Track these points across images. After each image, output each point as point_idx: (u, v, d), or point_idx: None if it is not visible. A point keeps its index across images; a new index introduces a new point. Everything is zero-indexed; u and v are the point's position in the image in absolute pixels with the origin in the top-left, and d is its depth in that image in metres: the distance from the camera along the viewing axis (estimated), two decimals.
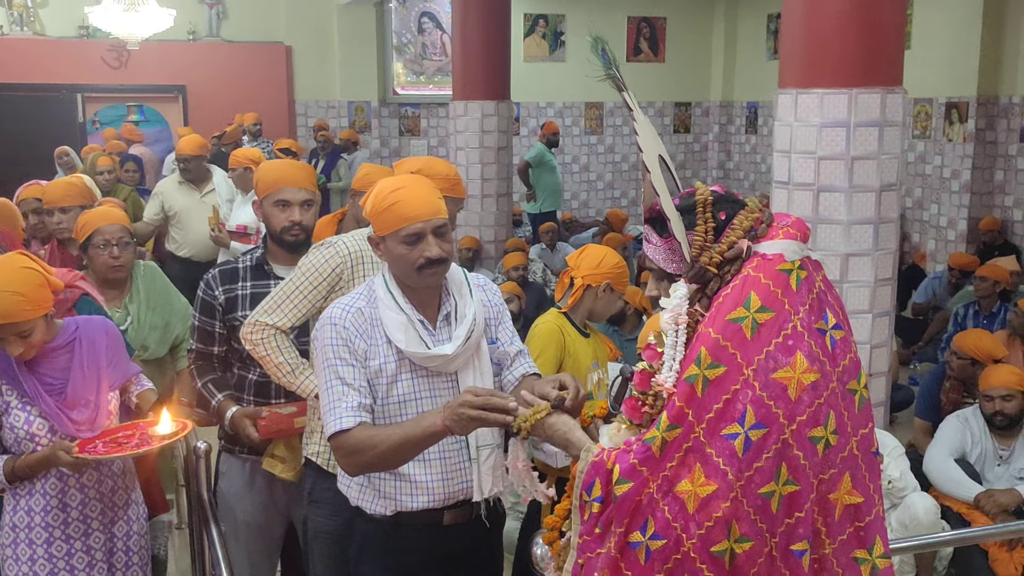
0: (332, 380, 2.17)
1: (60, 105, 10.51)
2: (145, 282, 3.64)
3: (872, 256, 4.22)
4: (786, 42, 4.42)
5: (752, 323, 1.70)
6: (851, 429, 1.76)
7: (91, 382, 2.56)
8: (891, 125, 4.15)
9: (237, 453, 3.10)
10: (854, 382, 1.78)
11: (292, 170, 3.08)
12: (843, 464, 1.74)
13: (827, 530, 1.74)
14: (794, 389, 1.68)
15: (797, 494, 1.69)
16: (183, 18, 10.17)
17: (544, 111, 12.20)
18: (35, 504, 2.57)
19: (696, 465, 1.68)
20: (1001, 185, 8.83)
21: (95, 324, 2.66)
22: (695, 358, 1.71)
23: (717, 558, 1.67)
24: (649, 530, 1.71)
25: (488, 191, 8.05)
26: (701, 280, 1.81)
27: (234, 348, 3.03)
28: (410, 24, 11.85)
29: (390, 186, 2.24)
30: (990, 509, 4.01)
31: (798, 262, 1.77)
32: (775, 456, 1.67)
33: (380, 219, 2.22)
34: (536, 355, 3.19)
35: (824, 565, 1.76)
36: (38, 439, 2.51)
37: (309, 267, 2.70)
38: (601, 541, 1.77)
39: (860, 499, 1.76)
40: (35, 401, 2.49)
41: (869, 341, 4.27)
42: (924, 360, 7.01)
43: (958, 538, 3.57)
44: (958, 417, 4.37)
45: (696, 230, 1.80)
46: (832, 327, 1.76)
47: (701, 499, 1.67)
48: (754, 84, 12.05)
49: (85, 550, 2.62)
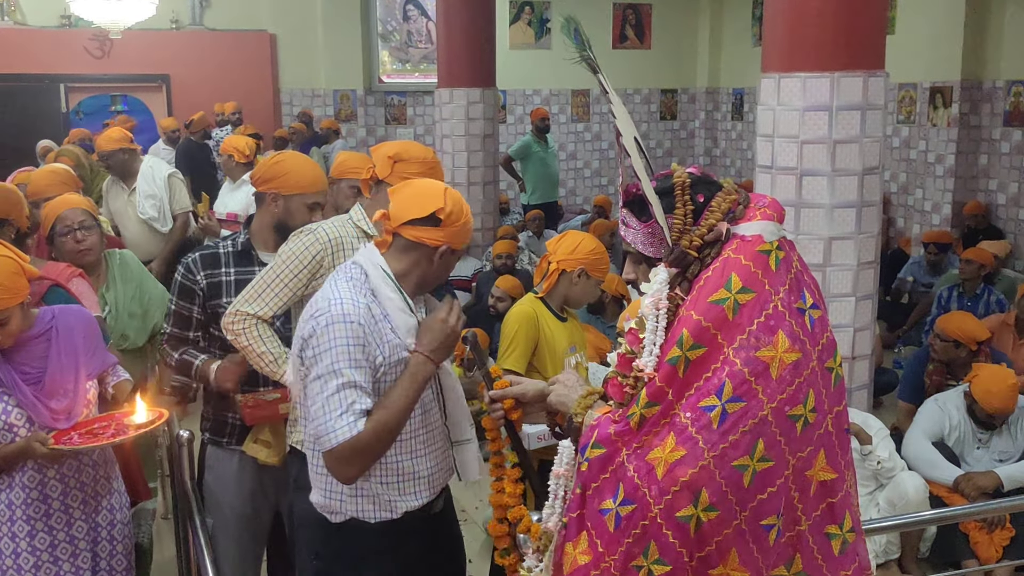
0: (341, 384, 2.05)
1: (43, 95, 10.43)
2: (121, 270, 3.61)
3: (855, 239, 4.24)
4: (769, 26, 4.42)
5: (734, 304, 1.71)
6: (827, 407, 1.78)
7: (69, 371, 2.54)
8: (873, 108, 4.17)
9: (224, 445, 3.09)
10: (831, 360, 1.79)
11: (318, 172, 3.10)
12: (819, 441, 1.76)
13: (803, 507, 1.75)
14: (776, 368, 1.69)
15: (771, 470, 1.70)
16: (166, 7, 10.09)
17: (530, 98, 12.18)
18: (15, 497, 2.54)
19: (670, 435, 1.70)
20: (985, 169, 8.87)
21: (71, 313, 2.63)
22: (677, 340, 1.72)
23: (682, 524, 1.68)
24: (619, 496, 1.72)
25: (474, 179, 8.04)
26: (681, 264, 1.80)
27: (214, 335, 3.02)
28: (395, 11, 11.80)
29: (457, 200, 2.24)
30: (969, 492, 4.04)
31: (776, 242, 1.77)
32: (751, 431, 1.67)
33: (460, 234, 2.23)
34: (508, 338, 3.21)
35: (800, 541, 1.77)
36: (16, 429, 2.47)
37: (290, 255, 2.69)
38: (582, 502, 1.80)
39: (834, 475, 1.78)
40: (12, 391, 2.46)
41: (852, 324, 4.30)
42: (908, 344, 7.05)
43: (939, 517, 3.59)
44: (936, 401, 4.38)
45: (675, 213, 1.80)
46: (810, 306, 1.78)
47: (670, 464, 1.68)
48: (740, 70, 12.05)
49: (68, 540, 2.61)
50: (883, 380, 5.68)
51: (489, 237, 8.10)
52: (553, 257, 3.29)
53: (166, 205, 5.75)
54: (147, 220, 5.62)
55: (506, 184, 11.61)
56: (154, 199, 5.68)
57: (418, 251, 2.20)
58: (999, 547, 4.00)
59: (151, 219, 5.63)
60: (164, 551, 3.98)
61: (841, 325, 4.27)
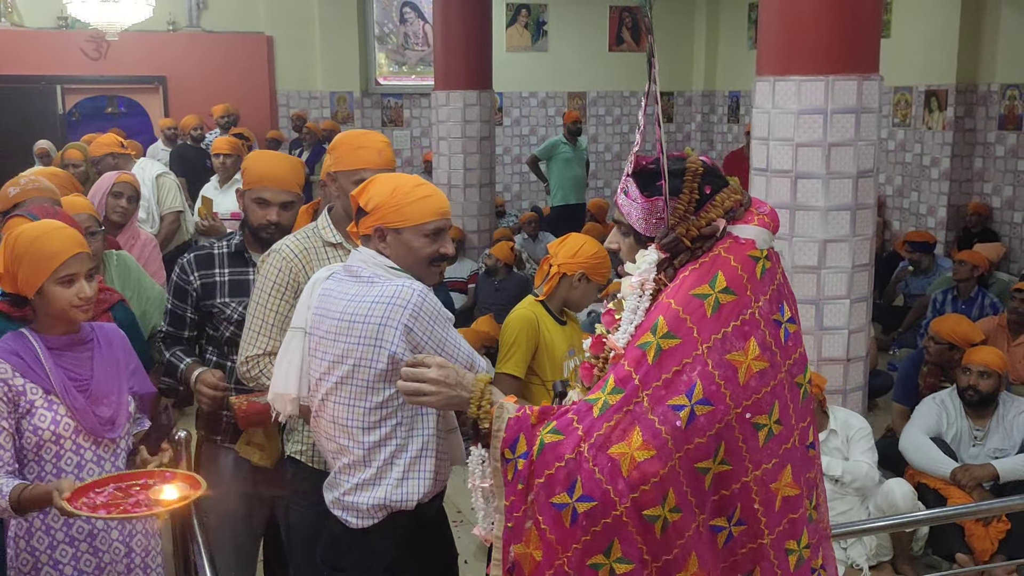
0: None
1: (39, 97, 10.41)
2: (119, 271, 3.61)
3: (849, 242, 4.26)
4: (763, 30, 4.44)
5: (715, 302, 1.70)
6: (794, 421, 1.76)
7: (112, 380, 2.48)
8: (868, 112, 4.19)
9: (218, 443, 3.09)
10: (801, 376, 1.79)
11: (279, 168, 3.03)
12: (785, 455, 1.74)
13: (767, 520, 1.74)
14: (743, 374, 1.69)
15: (728, 474, 1.69)
16: (162, 8, 10.10)
17: (527, 101, 12.19)
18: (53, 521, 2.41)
19: (635, 429, 1.66)
20: (980, 172, 8.90)
21: (108, 328, 2.60)
22: (651, 326, 1.71)
23: (648, 523, 1.65)
24: (577, 491, 1.67)
25: (471, 181, 8.05)
26: (673, 250, 1.79)
27: (209, 335, 3.03)
28: (392, 14, 11.81)
29: (409, 182, 2.29)
30: (966, 483, 4.09)
31: (766, 251, 1.78)
32: (716, 435, 1.67)
33: (404, 212, 2.25)
34: (509, 343, 3.20)
35: (761, 555, 1.75)
36: (63, 441, 2.38)
37: (264, 282, 2.72)
38: (525, 497, 1.73)
39: (797, 491, 1.76)
40: (62, 397, 2.37)
41: (847, 326, 4.31)
42: (903, 346, 7.07)
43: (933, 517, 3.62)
44: (934, 399, 4.44)
45: (680, 198, 1.78)
46: (787, 320, 1.77)
47: (638, 463, 1.64)
48: (736, 73, 12.07)
49: None
50: (878, 382, 5.70)
51: (485, 239, 8.11)
52: (554, 260, 3.29)
53: (153, 206, 5.75)
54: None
55: (502, 186, 11.63)
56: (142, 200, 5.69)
57: (372, 242, 2.31)
58: (995, 540, 4.03)
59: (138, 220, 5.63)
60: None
61: (836, 327, 4.29)
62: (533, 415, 1.78)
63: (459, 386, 1.87)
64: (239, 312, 2.95)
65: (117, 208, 4.31)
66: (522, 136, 12.25)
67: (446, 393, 1.87)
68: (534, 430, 1.75)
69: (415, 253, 2.27)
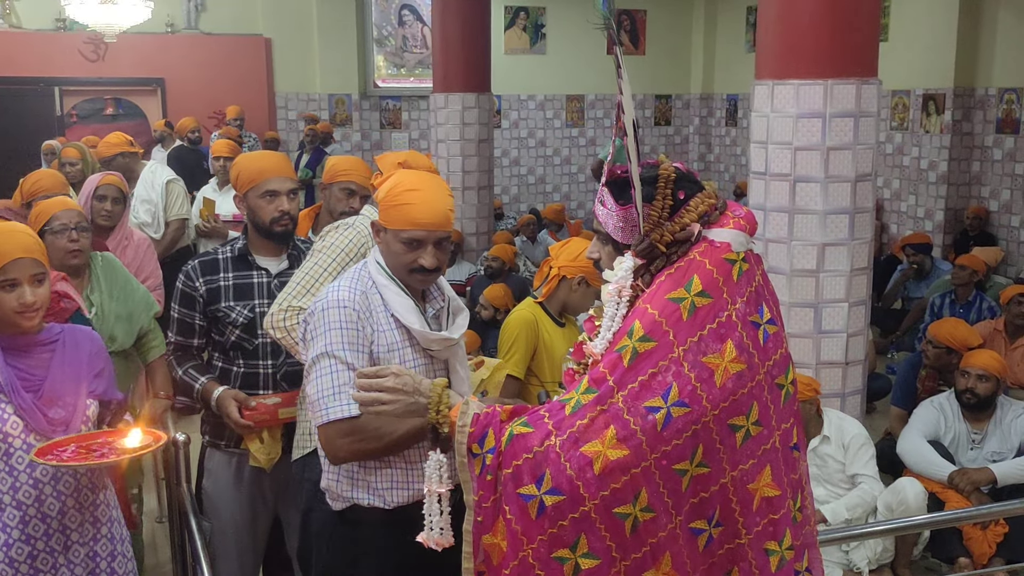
0: (336, 364, 2.12)
1: (37, 98, 10.41)
2: (104, 272, 3.60)
3: (848, 245, 4.26)
4: (762, 34, 4.45)
5: (690, 305, 1.71)
6: (775, 423, 1.77)
7: (70, 382, 2.47)
8: (866, 116, 4.20)
9: (223, 448, 3.09)
10: (782, 377, 1.79)
11: (274, 160, 3.05)
12: (765, 456, 1.75)
13: (744, 520, 1.74)
14: (720, 376, 1.69)
15: (707, 476, 1.70)
16: (161, 10, 10.11)
17: (525, 103, 12.21)
18: (8, 519, 2.40)
19: (610, 428, 1.67)
20: (978, 176, 8.91)
21: (82, 332, 2.58)
22: (628, 331, 1.72)
23: (618, 520, 1.66)
24: (545, 484, 1.67)
25: (469, 183, 8.06)
26: (648, 256, 1.81)
27: (215, 340, 3.03)
28: (390, 16, 11.82)
29: (408, 183, 2.25)
30: (963, 487, 4.09)
31: (743, 254, 1.78)
32: (693, 436, 1.67)
33: (388, 213, 2.23)
34: (508, 345, 3.21)
35: (739, 554, 1.76)
36: (11, 439, 2.38)
37: (336, 248, 2.70)
38: (495, 489, 1.74)
39: (778, 492, 1.77)
40: (11, 396, 2.39)
41: (845, 330, 4.32)
42: (902, 349, 7.08)
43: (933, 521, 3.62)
44: (932, 402, 4.44)
45: (653, 204, 1.79)
46: (767, 321, 1.77)
47: (611, 462, 1.65)
48: (734, 77, 12.09)
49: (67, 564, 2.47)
50: (876, 386, 5.71)
51: (484, 242, 8.12)
52: (555, 262, 3.30)
53: (160, 211, 5.76)
54: (139, 224, 5.62)
55: (500, 189, 11.64)
56: (149, 204, 5.69)
57: (374, 232, 2.30)
58: (992, 543, 4.03)
59: (143, 224, 5.62)
60: (160, 555, 3.99)
61: (834, 331, 4.29)
62: (503, 412, 1.79)
63: (416, 392, 1.88)
64: (244, 316, 2.95)
65: (102, 212, 4.26)
66: (520, 139, 12.27)
67: (404, 400, 1.88)
68: (503, 426, 1.76)
69: (394, 257, 2.25)
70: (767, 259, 4.35)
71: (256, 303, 2.97)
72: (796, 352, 4.28)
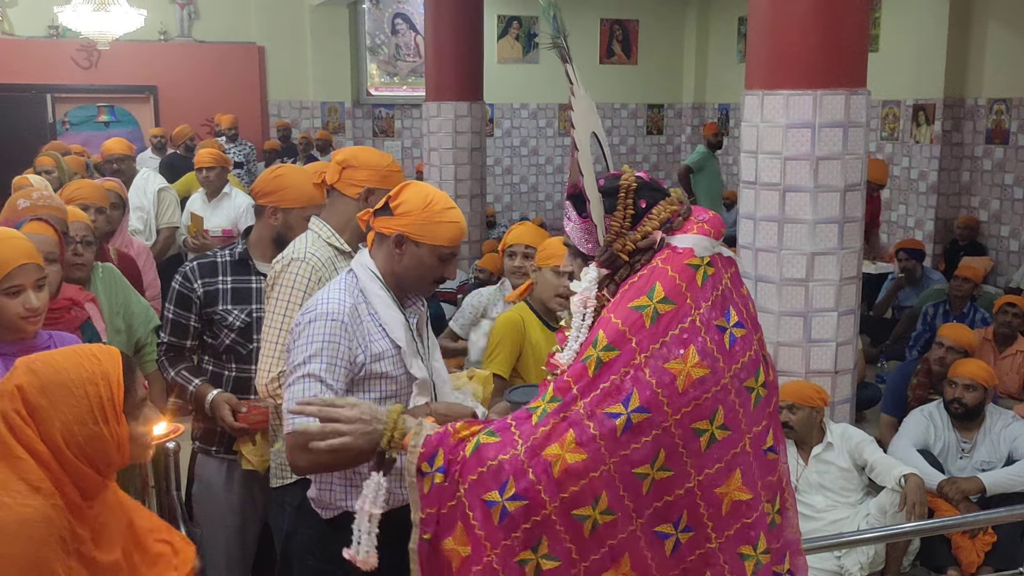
0: (309, 380, 2.13)
1: (29, 105, 10.40)
2: (105, 284, 3.60)
3: (837, 255, 4.28)
4: (752, 44, 4.48)
5: (653, 312, 1.72)
6: (744, 426, 1.77)
7: None
8: (855, 126, 4.22)
9: (213, 454, 3.10)
10: (752, 380, 1.79)
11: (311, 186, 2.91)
12: (733, 460, 1.75)
13: (714, 524, 1.75)
14: (682, 381, 1.70)
15: (670, 480, 1.71)
16: (154, 18, 10.11)
17: (518, 112, 12.24)
18: None
19: (569, 432, 1.69)
20: (968, 186, 8.96)
21: (67, 339, 2.56)
22: (593, 340, 1.74)
23: (576, 522, 1.68)
24: (508, 490, 1.70)
25: (461, 192, 8.07)
26: (612, 266, 1.83)
27: (207, 343, 3.03)
28: (383, 25, 11.85)
29: (442, 200, 2.27)
30: (953, 495, 4.11)
31: (707, 258, 1.79)
32: (654, 441, 1.68)
33: (429, 228, 2.23)
34: (493, 346, 3.23)
35: (710, 559, 1.76)
36: None
37: (293, 289, 2.60)
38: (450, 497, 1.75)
39: (749, 496, 1.77)
40: None
41: (835, 339, 4.33)
42: (892, 358, 7.10)
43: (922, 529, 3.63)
44: (922, 412, 4.47)
45: (615, 215, 1.81)
46: (733, 325, 1.78)
47: (568, 464, 1.67)
48: (726, 86, 12.15)
49: None
50: (866, 394, 5.72)
51: (475, 250, 8.12)
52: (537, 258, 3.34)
53: (152, 219, 5.76)
54: (131, 232, 5.61)
55: (493, 197, 11.66)
56: (141, 211, 5.70)
57: (385, 243, 2.28)
58: (981, 552, 4.05)
59: (135, 231, 5.61)
60: None
61: (823, 340, 4.31)
62: (455, 433, 1.79)
63: (375, 420, 1.86)
64: (241, 319, 2.96)
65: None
66: (513, 147, 12.30)
67: (362, 429, 1.85)
68: (457, 446, 1.77)
69: (423, 270, 2.28)
70: (756, 268, 4.37)
71: (254, 307, 2.97)
72: (785, 361, 4.30)
